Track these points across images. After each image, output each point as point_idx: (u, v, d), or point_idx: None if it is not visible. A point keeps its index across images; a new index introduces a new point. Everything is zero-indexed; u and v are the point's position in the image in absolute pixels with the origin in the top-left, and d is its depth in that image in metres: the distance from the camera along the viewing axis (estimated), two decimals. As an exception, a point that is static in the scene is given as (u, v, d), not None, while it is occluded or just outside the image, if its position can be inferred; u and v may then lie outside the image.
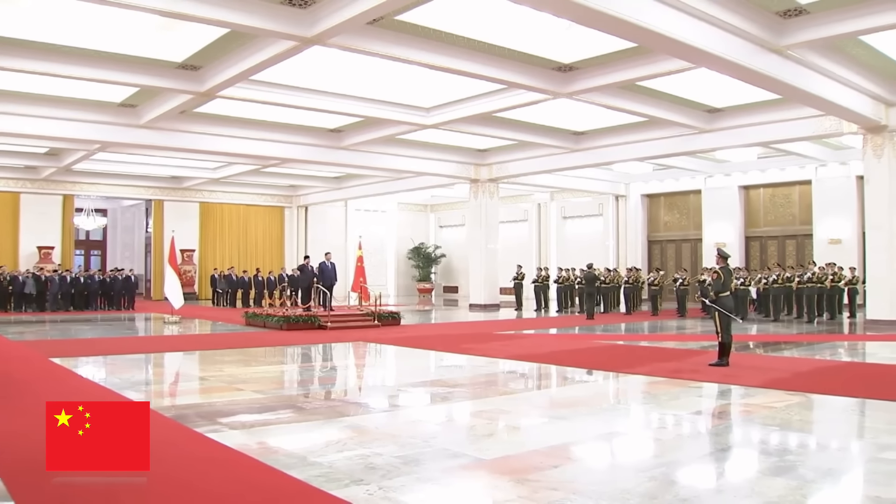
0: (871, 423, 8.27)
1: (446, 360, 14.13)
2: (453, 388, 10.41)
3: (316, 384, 11.39)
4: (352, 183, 35.32)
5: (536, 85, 17.09)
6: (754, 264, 29.50)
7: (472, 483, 5.76)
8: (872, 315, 19.73)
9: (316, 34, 13.11)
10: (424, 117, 21.00)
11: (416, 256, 40.75)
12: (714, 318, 11.96)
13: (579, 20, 12.05)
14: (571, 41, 15.18)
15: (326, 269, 22.62)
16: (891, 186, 19.49)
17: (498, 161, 28.77)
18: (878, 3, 13.13)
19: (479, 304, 29.46)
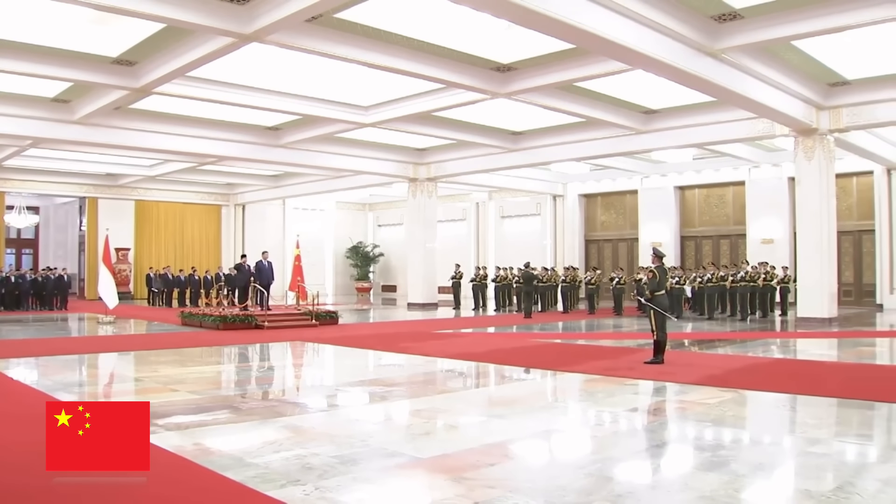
0: (801, 418, 8.44)
1: (384, 360, 14.13)
2: (391, 388, 10.41)
3: (253, 384, 11.29)
4: (290, 181, 35.10)
5: (475, 85, 17.14)
6: (689, 263, 29.92)
7: (409, 482, 5.77)
8: (803, 313, 20.15)
9: (254, 31, 13.00)
10: (363, 116, 20.93)
11: (354, 255, 40.58)
12: (649, 317, 12.11)
13: (518, 21, 12.11)
14: (510, 41, 15.25)
15: (264, 268, 22.46)
16: (821, 187, 19.92)
17: (436, 160, 28.81)
18: (809, 9, 13.42)
19: (417, 303, 29.48)
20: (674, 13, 13.52)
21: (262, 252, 23.43)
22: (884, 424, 8.11)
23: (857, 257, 27.56)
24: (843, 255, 26.51)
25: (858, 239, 27.44)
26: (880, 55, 16.67)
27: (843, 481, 5.64)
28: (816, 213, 19.96)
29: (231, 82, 17.99)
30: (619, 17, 12.62)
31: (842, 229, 24.93)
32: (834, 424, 8.05)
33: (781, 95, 17.84)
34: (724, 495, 5.26)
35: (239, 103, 18.95)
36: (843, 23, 13.48)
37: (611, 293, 26.14)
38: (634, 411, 8.78)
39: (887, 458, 6.41)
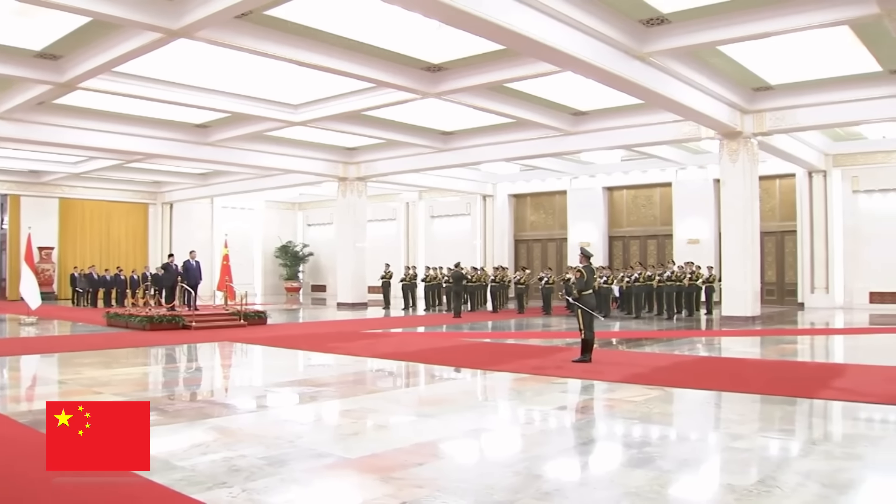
0: (725, 414, 8.58)
1: (313, 360, 14.05)
2: (320, 388, 10.35)
3: (180, 386, 11.14)
4: (218, 180, 34.69)
5: (405, 84, 17.14)
6: (617, 263, 30.27)
7: (337, 483, 5.74)
8: (728, 312, 20.55)
9: (182, 27, 12.82)
10: (293, 114, 20.78)
11: (283, 255, 40.25)
12: (577, 316, 12.21)
13: (448, 21, 12.13)
14: (441, 42, 15.28)
15: (191, 267, 22.19)
16: (745, 189, 20.34)
17: (366, 160, 28.73)
18: (734, 15, 13.73)
19: (346, 303, 29.38)
20: (603, 16, 13.68)
21: (190, 251, 23.14)
22: (804, 420, 8.30)
23: (779, 257, 28.17)
24: (766, 256, 27.13)
25: (781, 239, 28.05)
26: (802, 62, 17.12)
27: (765, 475, 5.76)
28: (740, 214, 20.38)
29: (159, 78, 17.71)
30: (549, 19, 12.73)
31: (765, 230, 25.51)
32: (757, 420, 8.20)
33: (707, 99, 18.17)
34: (649, 491, 5.33)
35: (167, 100, 18.65)
36: (767, 29, 13.82)
37: (540, 293, 26.30)
38: (562, 409, 8.86)
39: (807, 453, 6.55)
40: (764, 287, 26.03)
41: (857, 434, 7.41)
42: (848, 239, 26.28)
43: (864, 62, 16.91)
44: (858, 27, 14.45)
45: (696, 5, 13.56)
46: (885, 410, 8.49)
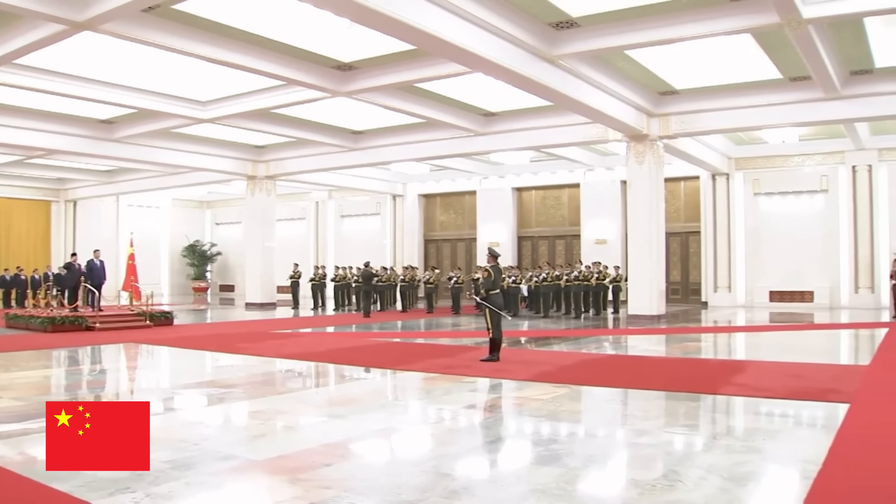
0: (630, 411, 8.74)
1: (221, 361, 13.84)
2: (228, 389, 10.21)
3: (84, 389, 10.88)
4: (124, 177, 33.90)
5: (315, 83, 17.03)
6: (526, 263, 30.57)
7: (243, 485, 5.67)
8: (634, 310, 20.92)
9: (87, 19, 12.46)
10: (201, 111, 20.48)
11: (191, 254, 39.63)
12: (485, 315, 12.29)
13: (359, 19, 12.09)
14: (351, 40, 15.23)
15: (95, 267, 21.72)
16: (650, 191, 20.74)
17: (276, 158, 28.47)
18: (641, 21, 14.01)
19: (255, 303, 29.10)
20: (513, 19, 13.79)
21: (94, 250, 22.64)
22: (707, 415, 8.48)
23: (684, 257, 28.80)
24: (671, 256, 27.69)
25: (685, 240, 28.68)
26: (707, 67, 17.55)
27: (669, 470, 5.88)
28: (646, 214, 20.78)
29: (62, 72, 17.23)
30: (460, 20, 12.79)
31: (670, 231, 26.07)
32: (661, 416, 8.36)
33: (615, 102, 18.47)
34: (555, 487, 5.40)
35: (70, 94, 18.13)
36: (672, 35, 14.14)
37: (449, 292, 26.39)
38: (471, 408, 8.90)
39: (709, 447, 6.70)
40: (669, 286, 26.58)
41: (756, 428, 7.60)
42: (749, 240, 27.02)
43: (765, 69, 17.43)
44: (760, 35, 14.88)
45: (605, 10, 13.78)
46: (783, 405, 8.78)
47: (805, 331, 19.10)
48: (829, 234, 25.91)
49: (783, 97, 18.85)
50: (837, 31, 14.93)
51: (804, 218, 26.40)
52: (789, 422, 8.18)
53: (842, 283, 25.79)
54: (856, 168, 25.43)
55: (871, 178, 25.27)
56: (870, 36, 15.30)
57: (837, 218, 25.82)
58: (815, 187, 26.26)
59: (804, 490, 5.29)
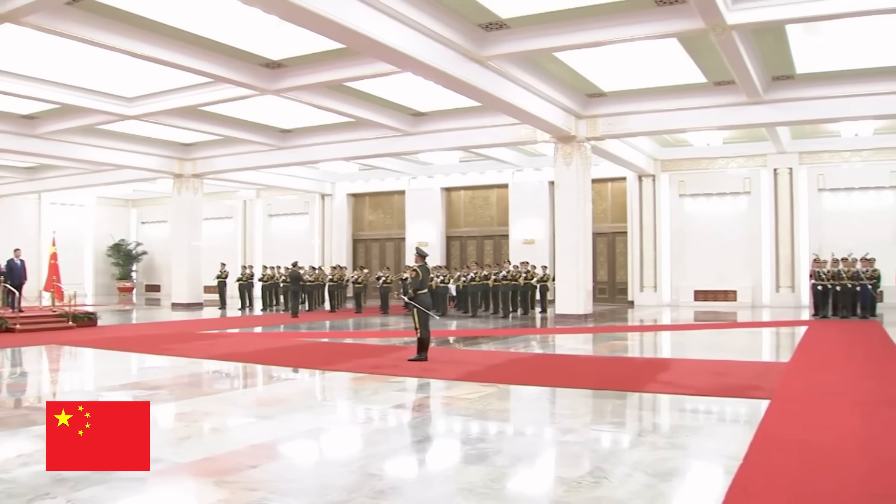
0: (558, 409, 8.82)
1: (147, 362, 13.61)
2: (153, 391, 10.06)
3: (3, 392, 10.62)
4: (47, 174, 33.05)
5: (243, 80, 16.86)
6: (454, 262, 30.67)
7: (168, 489, 5.57)
8: (561, 310, 21.10)
9: (8, 11, 12.09)
10: (127, 107, 20.11)
11: (116, 254, 38.96)
12: (413, 315, 12.31)
13: (287, 17, 11.99)
14: (280, 38, 15.12)
15: (15, 266, 21.24)
16: (578, 191, 20.96)
17: (203, 156, 28.11)
18: (569, 23, 14.18)
19: (181, 304, 28.69)
20: (443, 19, 13.83)
21: (14, 249, 22.12)
22: (633, 413, 8.61)
23: (611, 257, 29.16)
24: (598, 256, 28.01)
25: (612, 240, 29.04)
26: (634, 71, 17.79)
27: (595, 467, 5.95)
28: (573, 215, 20.99)
29: (-20, 66, 16.85)
30: (389, 19, 12.78)
31: (597, 231, 26.40)
32: (588, 414, 8.46)
33: (543, 103, 18.63)
34: (482, 486, 5.43)
35: (-10, 89, 17.73)
36: (600, 38, 14.35)
37: (378, 292, 26.35)
38: (399, 408, 8.89)
39: (635, 444, 6.80)
40: (596, 286, 26.89)
41: (681, 425, 7.73)
42: (674, 240, 27.47)
43: (691, 73, 17.76)
44: (686, 40, 15.17)
45: (534, 12, 13.89)
46: (706, 402, 8.95)
47: (728, 329, 19.49)
48: (751, 234, 26.47)
49: (708, 101, 19.24)
50: (760, 37, 15.27)
51: (728, 219, 26.93)
52: (712, 418, 8.33)
53: (764, 283, 26.35)
54: (777, 171, 26.02)
55: (791, 180, 25.87)
56: (791, 42, 15.69)
57: (760, 219, 26.39)
58: (739, 189, 26.81)
59: (726, 485, 5.40)
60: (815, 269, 21.71)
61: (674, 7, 13.44)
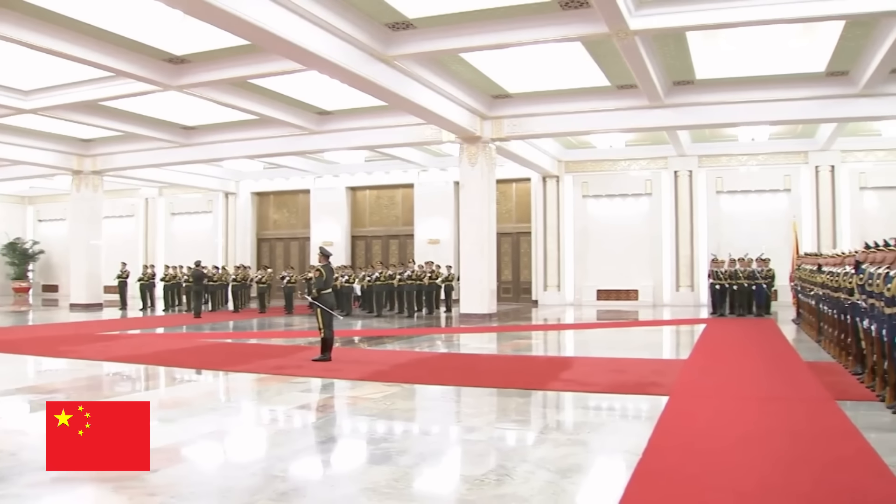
0: (462, 408, 8.89)
1: (44, 365, 13.22)
2: (49, 395, 9.79)
3: None
4: (-64, 170, 32.02)
5: (146, 75, 16.51)
6: (360, 262, 30.55)
7: (65, 496, 5.43)
8: (466, 309, 21.21)
9: None
10: (23, 101, 19.49)
11: (10, 253, 37.79)
12: (316, 315, 12.27)
13: (191, 12, 11.80)
14: (184, 33, 14.85)
15: None
16: (482, 192, 21.11)
17: (103, 153, 27.43)
18: (475, 25, 14.26)
19: (80, 304, 27.93)
20: (349, 17, 13.78)
21: None
22: (537, 411, 8.72)
23: (515, 257, 29.42)
24: (502, 256, 28.27)
25: (517, 240, 29.31)
26: (539, 73, 17.97)
27: (498, 465, 6.02)
28: (478, 215, 21.13)
29: None
30: (295, 16, 12.68)
31: (502, 231, 26.64)
32: (492, 413, 8.55)
33: (449, 104, 18.71)
34: (385, 486, 5.46)
35: None
36: (505, 40, 14.46)
37: (282, 292, 26.14)
38: (303, 408, 8.85)
39: (539, 442, 6.90)
40: (500, 285, 27.15)
41: (583, 422, 7.87)
42: (578, 240, 27.84)
43: (594, 77, 18.05)
44: (590, 44, 15.41)
45: (441, 12, 13.93)
46: (608, 399, 9.15)
47: (629, 327, 19.85)
48: (652, 235, 27.02)
49: (611, 104, 19.57)
50: (662, 43, 15.62)
51: (630, 220, 27.43)
52: (614, 415, 8.50)
53: (664, 282, 26.92)
54: (678, 173, 26.62)
55: (691, 182, 26.51)
56: (692, 49, 16.07)
57: (660, 220, 26.94)
58: (640, 191, 27.34)
59: (626, 479, 5.52)
60: (714, 269, 22.27)
61: (578, 11, 13.63)
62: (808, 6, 12.94)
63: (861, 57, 16.44)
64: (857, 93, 17.84)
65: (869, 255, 9.38)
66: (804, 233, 24.37)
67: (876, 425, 7.48)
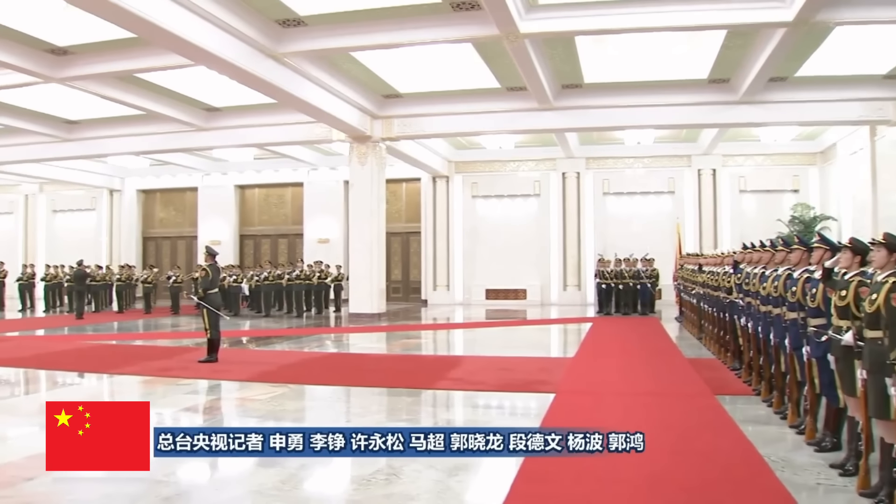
0: (351, 408, 8.88)
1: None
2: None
3: None
4: None
5: (26, 66, 15.92)
6: (248, 262, 30.16)
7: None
8: (355, 309, 21.19)
9: None
10: None
11: None
12: (203, 315, 12.09)
13: (75, 2, 11.48)
14: (68, 23, 14.40)
15: None
16: (372, 191, 21.13)
17: (-21, 147, 26.50)
18: (366, 24, 14.30)
19: (-47, 305, 26.98)
20: (239, 13, 13.61)
21: None
22: (426, 409, 8.77)
23: (405, 257, 29.46)
24: (392, 255, 28.24)
25: (406, 240, 29.35)
26: (430, 73, 18.05)
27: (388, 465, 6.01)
28: (368, 215, 21.13)
29: None
30: (183, 9, 12.47)
31: (392, 231, 26.61)
32: (381, 412, 8.55)
33: (339, 103, 18.64)
34: (272, 488, 5.44)
35: None
36: (396, 40, 14.54)
37: (168, 292, 25.64)
38: (189, 411, 8.73)
39: (425, 443, 6.93)
40: (390, 285, 27.13)
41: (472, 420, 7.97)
42: (467, 240, 28.04)
43: (485, 78, 18.23)
44: (481, 46, 15.54)
45: (332, 10, 13.88)
46: (497, 397, 9.29)
47: (518, 326, 20.09)
48: (540, 235, 27.39)
49: (500, 105, 19.80)
50: (551, 46, 15.86)
51: (518, 220, 27.76)
52: (504, 412, 8.62)
53: (552, 281, 27.31)
54: (566, 174, 27.06)
55: (579, 184, 26.98)
56: (580, 53, 16.37)
57: (549, 221, 27.33)
58: (529, 191, 27.69)
59: (512, 477, 5.59)
60: (600, 269, 22.73)
61: (470, 13, 13.76)
62: (691, 15, 13.41)
63: (741, 65, 17.03)
64: (738, 100, 18.49)
65: (746, 255, 9.74)
66: (687, 234, 25.04)
67: (752, 418, 7.81)
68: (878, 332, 5.02)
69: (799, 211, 23.53)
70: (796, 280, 7.05)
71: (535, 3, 13.57)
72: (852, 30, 14.37)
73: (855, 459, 5.73)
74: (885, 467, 5.17)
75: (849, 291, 5.58)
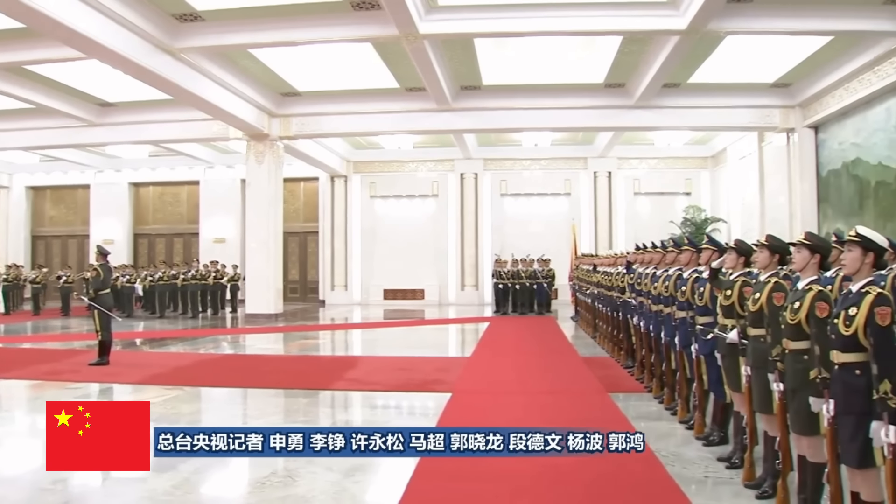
0: (248, 410, 8.82)
1: None
2: None
3: None
4: None
5: None
6: (143, 261, 29.55)
7: None
8: (252, 309, 20.95)
9: None
10: None
11: None
12: (94, 316, 11.82)
13: (-43, -9, 11.13)
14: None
15: None
16: (269, 190, 20.94)
17: None
18: (264, 21, 14.15)
19: None
20: (134, 5, 13.33)
21: None
22: (324, 410, 8.73)
23: (302, 257, 29.26)
24: (290, 255, 28.02)
25: (304, 240, 29.16)
26: (329, 72, 17.99)
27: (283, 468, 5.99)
28: (265, 214, 20.93)
29: None
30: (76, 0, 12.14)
31: (289, 230, 26.41)
32: (278, 413, 8.50)
33: (236, 100, 18.41)
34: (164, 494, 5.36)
35: None
36: (294, 38, 14.48)
37: (58, 292, 24.96)
38: (80, 413, 8.52)
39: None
40: (287, 285, 26.90)
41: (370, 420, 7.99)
42: (365, 240, 28.00)
43: (384, 78, 18.24)
44: (380, 46, 15.55)
45: (230, 6, 13.69)
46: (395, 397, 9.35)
47: (415, 326, 20.14)
48: (439, 235, 27.51)
49: (399, 106, 19.84)
50: (451, 48, 15.95)
51: (417, 220, 27.84)
52: (401, 412, 8.65)
53: (450, 281, 27.46)
54: (464, 175, 27.25)
55: (477, 184, 27.20)
56: (479, 55, 16.51)
57: (447, 221, 27.48)
58: (427, 192, 27.79)
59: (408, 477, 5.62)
60: (497, 269, 22.97)
61: (369, 13, 13.75)
62: (588, 20, 13.69)
63: (637, 71, 17.43)
64: (633, 104, 18.91)
65: (639, 256, 9.97)
66: (583, 235, 25.48)
67: (644, 414, 8.02)
68: (761, 330, 5.20)
69: (691, 213, 24.19)
70: (686, 280, 7.24)
71: (435, 5, 13.65)
72: (742, 39, 14.90)
73: (741, 453, 5.94)
74: (769, 459, 5.38)
75: (734, 291, 5.78)
